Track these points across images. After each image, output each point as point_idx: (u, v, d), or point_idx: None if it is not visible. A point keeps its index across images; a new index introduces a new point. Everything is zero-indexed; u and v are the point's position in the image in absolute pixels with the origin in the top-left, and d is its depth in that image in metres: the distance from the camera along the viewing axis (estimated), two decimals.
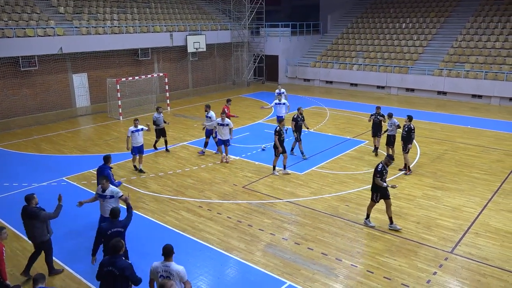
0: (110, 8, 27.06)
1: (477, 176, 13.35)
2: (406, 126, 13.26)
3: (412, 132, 13.10)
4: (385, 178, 10.03)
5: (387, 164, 10.03)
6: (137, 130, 13.79)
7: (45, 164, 15.12)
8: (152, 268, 6.19)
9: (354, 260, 8.84)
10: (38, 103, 22.45)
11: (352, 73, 29.71)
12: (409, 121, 13.29)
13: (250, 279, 8.29)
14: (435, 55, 28.24)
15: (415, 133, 13.27)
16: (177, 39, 28.06)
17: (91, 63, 24.17)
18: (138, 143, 13.78)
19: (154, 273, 6.19)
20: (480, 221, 10.44)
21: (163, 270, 6.07)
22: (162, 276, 6.04)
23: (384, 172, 9.94)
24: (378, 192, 9.98)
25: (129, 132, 13.70)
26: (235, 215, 10.90)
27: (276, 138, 13.15)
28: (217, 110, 23.81)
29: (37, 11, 23.33)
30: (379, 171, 9.86)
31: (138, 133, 13.77)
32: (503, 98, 24.16)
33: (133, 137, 13.70)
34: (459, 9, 31.14)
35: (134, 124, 13.87)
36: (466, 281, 8.11)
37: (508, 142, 16.84)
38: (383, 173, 9.91)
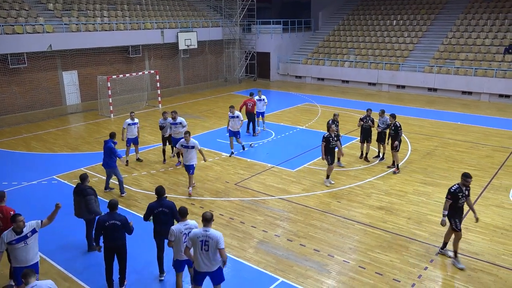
0: (100, 5, 26.83)
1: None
2: (392, 124, 13.24)
3: (399, 130, 13.05)
4: (463, 202, 8.40)
5: (465, 185, 8.33)
6: (134, 123, 14.15)
7: (35, 163, 14.98)
8: (192, 235, 6.64)
9: (346, 256, 8.90)
10: (27, 101, 22.22)
11: (344, 70, 29.80)
12: (393, 119, 13.22)
13: (243, 276, 8.30)
14: (426, 52, 28.43)
15: (402, 130, 13.20)
16: (168, 36, 27.91)
17: (81, 60, 23.96)
18: (133, 135, 14.21)
19: (194, 240, 6.61)
20: (470, 217, 10.53)
21: (202, 235, 6.58)
22: (202, 241, 6.56)
23: (460, 195, 8.25)
24: (456, 218, 8.41)
25: (125, 124, 14.10)
26: (228, 212, 10.90)
27: (323, 145, 12.17)
28: (210, 106, 23.87)
29: (26, 8, 23.05)
30: (452, 192, 8.27)
31: (133, 126, 14.16)
32: (492, 95, 24.41)
33: (128, 129, 14.12)
34: (449, 7, 31.35)
35: (130, 116, 14.25)
36: (456, 276, 8.20)
37: (497, 138, 17.03)
38: (459, 196, 8.25)
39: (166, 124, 14.17)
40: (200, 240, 6.57)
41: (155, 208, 7.89)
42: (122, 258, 7.79)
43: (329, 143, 12.15)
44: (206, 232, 6.58)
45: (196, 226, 7.06)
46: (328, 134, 12.24)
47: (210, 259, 6.61)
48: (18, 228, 6.77)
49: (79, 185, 8.97)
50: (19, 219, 6.79)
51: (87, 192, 8.76)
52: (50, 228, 7.93)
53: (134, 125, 14.20)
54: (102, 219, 7.57)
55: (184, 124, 13.99)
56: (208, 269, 6.68)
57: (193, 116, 21.38)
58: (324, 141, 12.18)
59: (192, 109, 23.16)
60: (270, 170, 13.85)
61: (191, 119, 20.75)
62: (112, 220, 7.49)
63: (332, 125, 12.56)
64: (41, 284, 5.72)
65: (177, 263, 7.28)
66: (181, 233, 6.98)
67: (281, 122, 19.97)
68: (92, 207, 8.84)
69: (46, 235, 8.98)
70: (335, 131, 12.55)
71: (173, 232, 7.02)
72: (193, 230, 6.80)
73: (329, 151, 12.28)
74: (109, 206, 7.60)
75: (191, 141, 11.61)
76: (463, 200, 8.32)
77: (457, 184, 8.37)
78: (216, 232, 6.63)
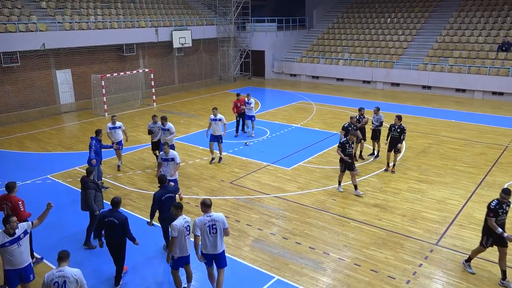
0: (94, 3, 26.66)
1: (461, 169, 13.57)
2: (397, 126, 12.80)
3: (404, 132, 12.77)
4: (503, 219, 7.79)
5: (504, 202, 7.69)
6: (115, 127, 13.49)
7: (29, 162, 14.89)
8: (199, 223, 6.98)
9: (341, 254, 8.92)
10: (21, 100, 22.06)
11: (338, 68, 29.84)
12: (399, 121, 12.83)
13: (238, 274, 8.30)
14: (420, 50, 28.52)
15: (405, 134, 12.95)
16: (163, 35, 27.80)
17: (75, 59, 23.82)
18: (116, 139, 13.53)
19: (201, 226, 6.99)
20: (464, 213, 10.63)
21: (208, 221, 7.02)
22: (209, 226, 7.01)
23: (501, 211, 7.69)
24: (490, 236, 7.83)
25: (107, 129, 13.51)
26: (223, 211, 10.89)
27: (339, 151, 11.59)
28: (205, 105, 23.84)
29: (19, 6, 22.87)
30: (492, 209, 7.68)
31: (115, 131, 13.49)
32: (486, 92, 24.55)
33: (112, 133, 13.53)
34: (442, 5, 31.47)
35: (112, 120, 13.59)
36: (451, 272, 8.25)
37: (490, 135, 17.14)
38: (499, 213, 7.69)
39: (155, 128, 13.40)
40: (208, 225, 7.00)
41: (163, 195, 8.43)
42: (119, 258, 7.82)
43: (345, 149, 11.45)
44: (210, 217, 7.05)
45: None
46: (346, 140, 11.58)
47: (217, 241, 7.11)
48: (11, 230, 6.69)
49: (83, 177, 9.18)
50: (13, 220, 6.71)
51: (87, 186, 8.92)
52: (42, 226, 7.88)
53: (116, 129, 13.47)
54: (103, 214, 7.71)
55: (172, 131, 13.03)
56: (214, 251, 7.15)
57: (188, 115, 21.33)
58: (339, 146, 11.61)
59: (187, 108, 23.11)
60: (265, 169, 13.85)
61: (186, 117, 20.71)
62: (111, 218, 7.58)
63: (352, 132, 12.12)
64: (69, 271, 5.97)
65: (178, 261, 7.30)
66: (205, 225, 7.02)
67: (276, 120, 19.97)
68: (89, 201, 8.90)
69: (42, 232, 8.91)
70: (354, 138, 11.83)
71: (176, 227, 7.02)
72: (196, 219, 7.06)
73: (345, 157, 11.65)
74: (111, 203, 7.73)
75: (171, 153, 10.56)
76: (503, 217, 7.73)
77: (496, 199, 7.76)
78: (218, 213, 7.18)
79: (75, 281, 5.97)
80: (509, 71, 23.81)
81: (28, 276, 6.97)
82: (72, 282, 5.94)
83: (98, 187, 9.19)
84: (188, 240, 7.27)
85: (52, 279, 5.94)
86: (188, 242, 7.27)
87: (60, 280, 5.90)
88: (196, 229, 7.00)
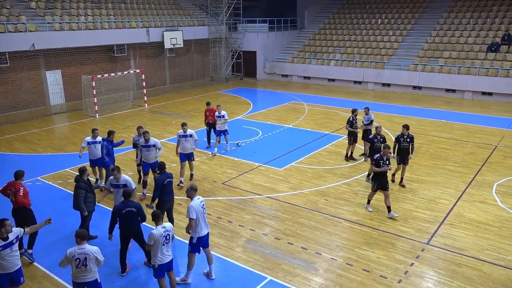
0: (84, 3, 26.47)
1: (451, 168, 13.69)
2: (406, 136, 11.95)
3: (413, 141, 12.09)
4: None
5: None
6: (94, 142, 11.57)
7: (18, 164, 14.68)
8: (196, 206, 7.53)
9: (333, 254, 8.95)
10: (10, 101, 21.82)
11: (330, 69, 29.95)
12: (407, 130, 11.99)
13: (231, 275, 8.29)
14: (410, 50, 28.74)
15: None
16: (154, 35, 27.68)
17: (65, 59, 23.62)
18: (95, 156, 11.59)
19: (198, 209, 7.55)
20: (455, 213, 10.72)
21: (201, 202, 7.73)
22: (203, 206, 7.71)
23: None
24: None
25: (84, 143, 11.59)
26: (215, 212, 10.88)
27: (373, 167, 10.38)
28: (196, 106, 23.79)
29: (8, 6, 22.62)
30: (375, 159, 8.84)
31: (94, 146, 11.54)
32: (475, 92, 24.79)
33: (89, 149, 11.55)
34: (432, 5, 31.75)
35: (93, 133, 11.58)
36: (442, 271, 8.32)
37: (480, 135, 17.31)
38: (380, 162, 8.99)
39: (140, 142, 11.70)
40: (202, 206, 7.69)
41: (165, 179, 9.06)
42: (141, 241, 8.20)
43: (379, 167, 10.30)
44: (199, 199, 7.73)
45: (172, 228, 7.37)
46: (379, 156, 10.37)
47: (206, 220, 7.80)
48: (5, 233, 6.61)
49: (76, 176, 9.20)
50: (7, 224, 6.62)
51: (78, 185, 8.91)
52: None
53: (95, 144, 11.57)
54: (118, 207, 7.98)
55: (158, 146, 11.43)
56: (207, 230, 7.86)
57: (180, 116, 21.26)
58: (373, 163, 10.43)
59: (179, 109, 23.04)
60: (257, 169, 13.85)
61: (177, 118, 20.64)
62: (128, 208, 7.90)
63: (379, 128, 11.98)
64: (89, 248, 6.51)
65: (159, 269, 7.19)
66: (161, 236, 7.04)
67: (267, 120, 19.99)
68: (78, 201, 8.85)
69: None
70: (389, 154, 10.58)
71: (153, 236, 6.95)
72: (191, 203, 7.56)
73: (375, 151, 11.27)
74: (124, 195, 8.04)
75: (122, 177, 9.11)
76: None
77: None
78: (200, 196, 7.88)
79: (95, 258, 6.50)
80: (498, 71, 24.08)
81: (19, 279, 6.92)
82: (92, 259, 6.49)
83: (90, 188, 9.10)
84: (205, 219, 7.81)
85: (74, 255, 6.44)
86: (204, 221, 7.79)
87: (81, 257, 6.44)
88: (193, 213, 7.48)
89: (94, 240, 9.46)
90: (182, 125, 12.36)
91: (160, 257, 7.08)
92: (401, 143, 12.03)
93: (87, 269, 6.50)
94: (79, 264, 6.45)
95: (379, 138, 12.11)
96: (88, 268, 6.49)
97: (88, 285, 6.63)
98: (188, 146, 12.25)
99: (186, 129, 12.19)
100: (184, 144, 12.24)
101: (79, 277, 6.56)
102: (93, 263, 6.53)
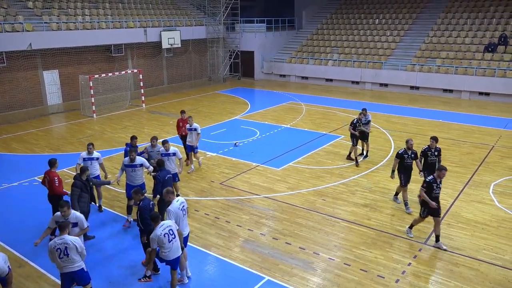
0: (82, 3, 26.42)
1: (449, 168, 13.59)
2: (434, 149, 10.68)
3: (440, 154, 10.86)
4: None
5: None
6: (91, 159, 10.57)
7: (15, 164, 14.69)
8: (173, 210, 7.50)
9: (331, 254, 8.96)
10: (7, 101, 21.76)
11: (327, 69, 29.98)
12: (435, 143, 10.73)
13: (228, 275, 8.29)
14: (408, 50, 28.80)
15: None
16: (151, 35, 27.65)
17: (62, 59, 23.56)
18: (92, 174, 10.36)
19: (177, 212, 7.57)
20: (452, 212, 10.75)
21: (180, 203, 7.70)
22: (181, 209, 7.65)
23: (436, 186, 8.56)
24: None
25: (79, 159, 10.55)
26: (213, 212, 10.87)
27: (423, 192, 8.90)
28: (194, 106, 23.76)
29: (4, 6, 22.55)
30: None
31: (91, 163, 10.50)
32: (472, 92, 24.86)
33: None
34: (430, 6, 31.82)
35: (88, 149, 10.62)
36: (439, 271, 8.34)
37: (477, 135, 17.36)
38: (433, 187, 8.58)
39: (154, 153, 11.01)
40: (180, 209, 7.64)
41: (165, 175, 9.56)
42: None
43: (432, 190, 8.88)
44: (178, 201, 7.69)
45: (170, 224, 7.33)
46: (433, 179, 8.90)
47: (186, 223, 7.92)
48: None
49: (75, 174, 9.25)
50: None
51: (73, 183, 8.96)
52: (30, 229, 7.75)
53: (92, 160, 10.52)
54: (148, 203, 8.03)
55: (146, 166, 10.18)
56: (187, 232, 7.94)
57: (178, 116, 21.19)
58: (424, 186, 8.92)
59: (176, 109, 22.98)
60: (255, 169, 13.85)
61: (175, 118, 20.61)
62: None
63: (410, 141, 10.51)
64: (68, 238, 6.70)
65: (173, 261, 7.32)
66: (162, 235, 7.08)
67: (265, 120, 19.99)
68: (71, 199, 8.75)
69: None
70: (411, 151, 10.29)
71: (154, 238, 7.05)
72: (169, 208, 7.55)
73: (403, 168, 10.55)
74: None
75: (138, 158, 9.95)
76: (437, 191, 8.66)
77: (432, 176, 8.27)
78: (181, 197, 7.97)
79: (75, 247, 6.66)
80: (495, 71, 24.15)
81: None
82: (72, 248, 6.64)
83: (86, 187, 9.05)
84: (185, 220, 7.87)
85: (54, 246, 6.63)
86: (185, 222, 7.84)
87: (61, 247, 6.62)
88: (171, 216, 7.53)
89: (92, 240, 9.44)
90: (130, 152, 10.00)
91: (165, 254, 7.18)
92: (429, 157, 10.67)
93: (69, 259, 6.65)
94: (61, 254, 6.60)
95: (410, 154, 10.62)
96: (70, 257, 6.65)
97: (75, 273, 6.78)
98: (138, 175, 10.05)
99: (133, 157, 9.88)
100: (131, 174, 10.03)
101: (64, 267, 6.71)
102: (74, 253, 6.67)
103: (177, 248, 7.23)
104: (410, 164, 10.62)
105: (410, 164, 10.62)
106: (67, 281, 6.86)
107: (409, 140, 10.65)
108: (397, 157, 10.65)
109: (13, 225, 10.29)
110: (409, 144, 10.60)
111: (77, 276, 6.84)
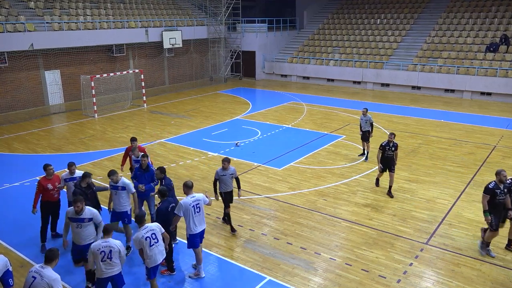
0: (83, 3, 26.45)
1: (450, 168, 13.70)
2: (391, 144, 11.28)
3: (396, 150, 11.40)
4: None
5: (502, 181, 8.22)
6: (72, 179, 9.08)
7: (17, 164, 14.71)
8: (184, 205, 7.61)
9: (332, 254, 8.95)
10: (8, 101, 21.80)
11: (329, 69, 29.97)
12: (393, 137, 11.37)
13: (230, 275, 8.29)
14: (409, 50, 28.77)
15: None
16: (153, 35, 27.67)
17: (64, 59, 23.60)
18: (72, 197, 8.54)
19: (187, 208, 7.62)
20: (454, 213, 10.73)
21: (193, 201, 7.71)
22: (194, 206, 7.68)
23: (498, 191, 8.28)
24: None
25: (62, 182, 9.16)
26: (214, 212, 10.87)
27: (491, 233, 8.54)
28: (195, 106, 23.81)
29: (6, 6, 22.59)
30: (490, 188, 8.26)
31: (73, 183, 8.87)
32: (474, 92, 24.83)
33: (67, 188, 9.15)
34: (431, 5, 31.79)
35: (69, 169, 9.12)
36: (441, 271, 8.32)
37: (478, 135, 17.33)
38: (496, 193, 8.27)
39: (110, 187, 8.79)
40: (192, 206, 7.63)
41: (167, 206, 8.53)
42: None
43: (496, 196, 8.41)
44: (194, 198, 7.72)
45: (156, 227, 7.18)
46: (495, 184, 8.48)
47: (201, 219, 7.81)
48: None
49: (75, 182, 8.92)
50: None
51: (73, 192, 8.63)
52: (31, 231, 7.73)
53: (74, 181, 8.92)
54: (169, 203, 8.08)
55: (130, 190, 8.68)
56: (201, 228, 7.89)
57: (179, 116, 21.26)
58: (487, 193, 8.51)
59: (178, 108, 23.03)
60: (256, 169, 13.85)
61: (176, 118, 20.64)
62: None
63: (503, 172, 8.47)
64: (113, 242, 6.73)
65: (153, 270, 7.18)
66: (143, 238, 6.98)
67: (267, 120, 19.98)
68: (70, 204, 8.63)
69: None
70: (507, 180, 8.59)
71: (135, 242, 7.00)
72: (180, 202, 7.65)
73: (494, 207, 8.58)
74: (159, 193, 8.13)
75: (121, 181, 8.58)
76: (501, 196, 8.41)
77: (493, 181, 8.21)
78: (198, 193, 7.94)
79: (119, 251, 6.70)
80: (496, 71, 24.11)
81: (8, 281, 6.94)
82: (116, 252, 6.67)
83: (86, 195, 8.39)
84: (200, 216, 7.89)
85: (98, 248, 6.63)
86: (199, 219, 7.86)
87: (106, 250, 6.63)
88: (180, 211, 7.63)
89: None
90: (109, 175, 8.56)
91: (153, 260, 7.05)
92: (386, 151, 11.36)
93: (111, 262, 6.65)
94: (104, 257, 6.59)
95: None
96: (112, 261, 6.65)
97: (114, 278, 6.79)
98: (123, 199, 8.65)
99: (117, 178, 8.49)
100: (115, 198, 8.67)
101: (105, 271, 6.67)
102: (116, 256, 6.70)
103: (159, 254, 7.07)
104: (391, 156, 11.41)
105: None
106: (103, 285, 6.83)
107: (501, 171, 8.52)
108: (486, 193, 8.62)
109: (14, 225, 10.30)
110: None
111: (115, 280, 6.83)
